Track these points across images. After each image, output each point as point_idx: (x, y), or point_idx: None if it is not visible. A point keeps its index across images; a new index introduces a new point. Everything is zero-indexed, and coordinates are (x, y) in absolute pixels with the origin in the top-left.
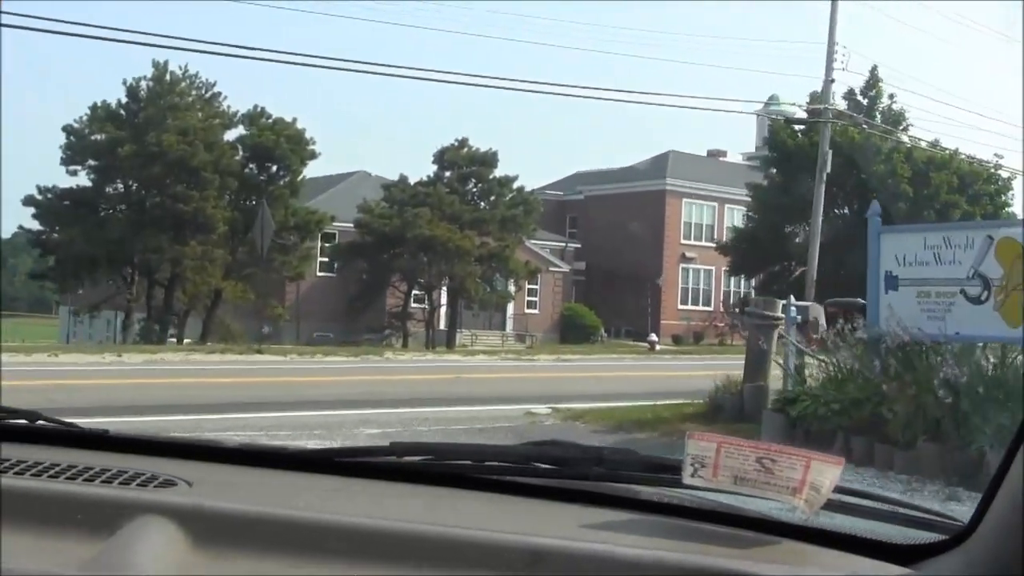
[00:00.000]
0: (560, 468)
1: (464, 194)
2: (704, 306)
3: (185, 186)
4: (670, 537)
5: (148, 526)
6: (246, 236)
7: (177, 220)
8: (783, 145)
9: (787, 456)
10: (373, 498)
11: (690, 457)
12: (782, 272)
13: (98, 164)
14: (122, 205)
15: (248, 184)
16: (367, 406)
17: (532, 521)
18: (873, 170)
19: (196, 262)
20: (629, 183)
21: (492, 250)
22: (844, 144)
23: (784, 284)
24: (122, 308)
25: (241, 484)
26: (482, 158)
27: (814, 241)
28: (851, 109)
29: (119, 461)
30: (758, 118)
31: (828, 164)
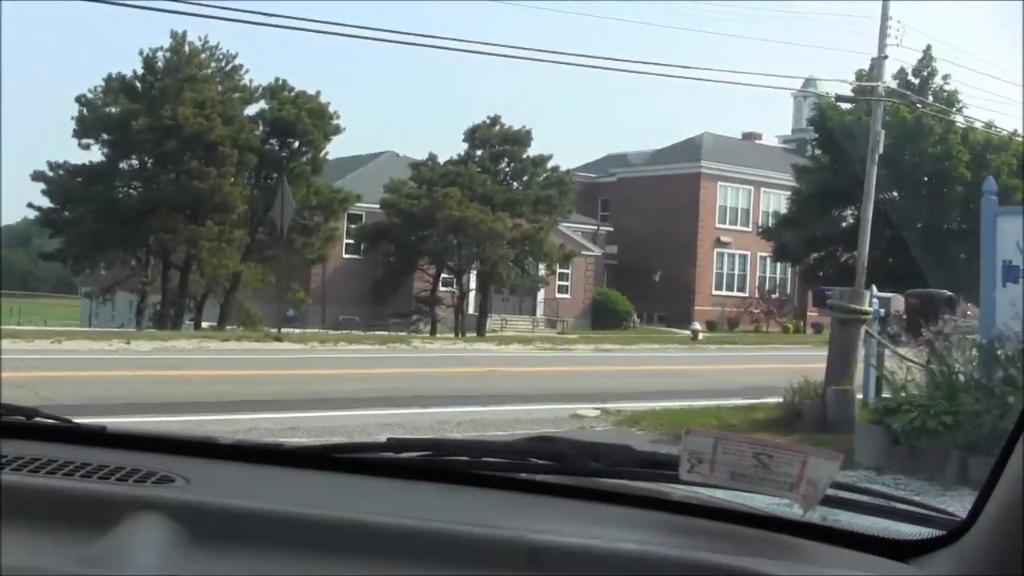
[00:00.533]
0: (557, 464)
1: (496, 174)
2: (739, 292)
3: (202, 162)
4: (667, 533)
5: (146, 522)
6: (266, 216)
7: (193, 198)
8: (830, 124)
9: (784, 451)
10: (370, 494)
11: (687, 453)
12: (828, 258)
13: (111, 138)
14: (136, 182)
15: (268, 160)
16: (393, 405)
17: (530, 517)
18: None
19: (213, 243)
20: (663, 165)
21: (525, 232)
22: (895, 124)
23: (830, 271)
24: (137, 291)
25: (239, 480)
26: (515, 136)
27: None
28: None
29: (117, 457)
30: (795, 100)
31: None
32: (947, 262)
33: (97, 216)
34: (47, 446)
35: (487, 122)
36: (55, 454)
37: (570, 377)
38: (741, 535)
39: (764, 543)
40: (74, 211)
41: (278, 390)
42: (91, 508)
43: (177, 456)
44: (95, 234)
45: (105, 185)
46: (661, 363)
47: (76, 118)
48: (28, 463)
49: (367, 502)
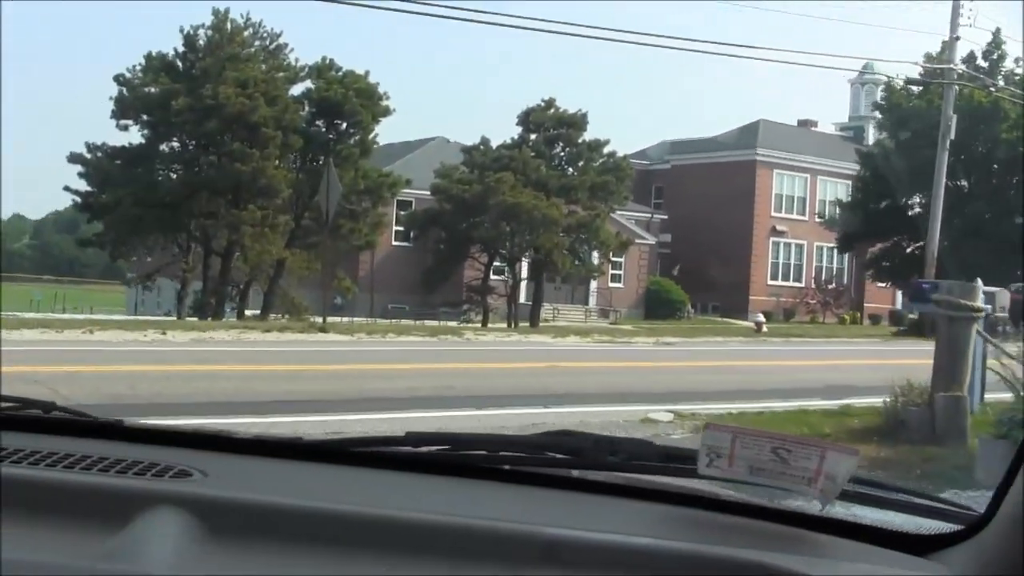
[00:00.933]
0: (575, 458)
1: (551, 159)
2: (795, 282)
3: (244, 144)
4: (685, 527)
5: (163, 516)
6: (311, 201)
7: (235, 182)
8: (898, 108)
9: (803, 446)
10: (388, 488)
11: (705, 447)
12: (893, 248)
13: (151, 119)
14: (176, 164)
15: (314, 143)
16: (446, 406)
17: (547, 511)
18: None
19: (255, 228)
20: (718, 153)
21: (580, 219)
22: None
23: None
24: (178, 278)
25: (256, 474)
26: (570, 120)
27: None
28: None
29: (134, 451)
30: (852, 86)
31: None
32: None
33: (136, 200)
34: (64, 440)
35: (541, 105)
36: (72, 448)
37: (634, 374)
38: (759, 530)
39: (782, 538)
40: (112, 194)
41: (320, 389)
42: (108, 502)
43: (194, 450)
44: (134, 218)
45: (144, 168)
46: (727, 358)
47: (115, 98)
48: (45, 457)
49: (385, 496)
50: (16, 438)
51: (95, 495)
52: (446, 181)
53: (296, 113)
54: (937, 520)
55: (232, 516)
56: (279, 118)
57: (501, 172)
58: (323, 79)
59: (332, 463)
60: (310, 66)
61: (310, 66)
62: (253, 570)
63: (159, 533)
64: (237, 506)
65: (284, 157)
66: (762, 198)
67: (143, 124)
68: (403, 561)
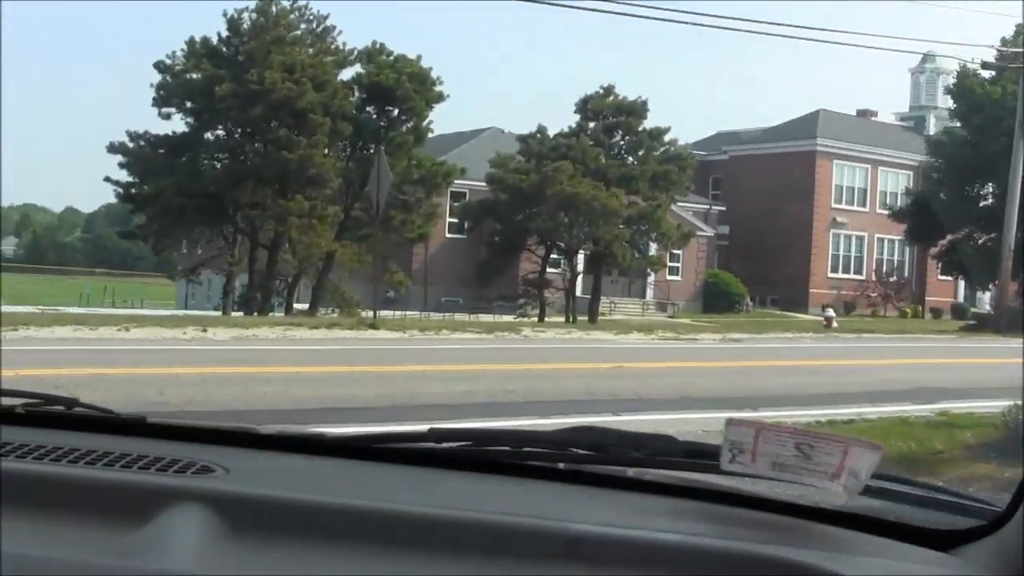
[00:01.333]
0: (598, 454)
1: (610, 148)
2: (855, 275)
3: (291, 131)
4: (708, 523)
5: (186, 513)
6: (362, 191)
7: (281, 170)
8: (971, 94)
9: (825, 441)
10: (411, 484)
11: (728, 443)
12: (965, 240)
13: (194, 106)
14: (220, 153)
15: (364, 130)
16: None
17: (571, 507)
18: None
19: (303, 220)
20: (777, 143)
21: (641, 210)
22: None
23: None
24: (224, 272)
25: (279, 471)
26: (630, 107)
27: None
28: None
29: (156, 448)
30: (913, 76)
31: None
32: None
33: (178, 190)
34: (87, 436)
35: (600, 92)
36: (95, 444)
37: (706, 375)
38: (782, 525)
39: (806, 533)
40: (154, 185)
41: (367, 393)
42: (131, 498)
43: (217, 446)
44: (176, 209)
45: (187, 157)
46: (800, 356)
47: (156, 85)
48: (68, 453)
49: (407, 492)
50: (39, 434)
51: (117, 491)
52: (502, 171)
53: (345, 98)
54: (959, 516)
55: (254, 512)
56: (327, 104)
57: (559, 161)
58: (374, 63)
59: (355, 459)
60: (360, 50)
61: (360, 50)
62: (275, 566)
63: (181, 529)
64: (260, 502)
65: (333, 145)
66: (822, 189)
67: (186, 112)
68: (427, 557)
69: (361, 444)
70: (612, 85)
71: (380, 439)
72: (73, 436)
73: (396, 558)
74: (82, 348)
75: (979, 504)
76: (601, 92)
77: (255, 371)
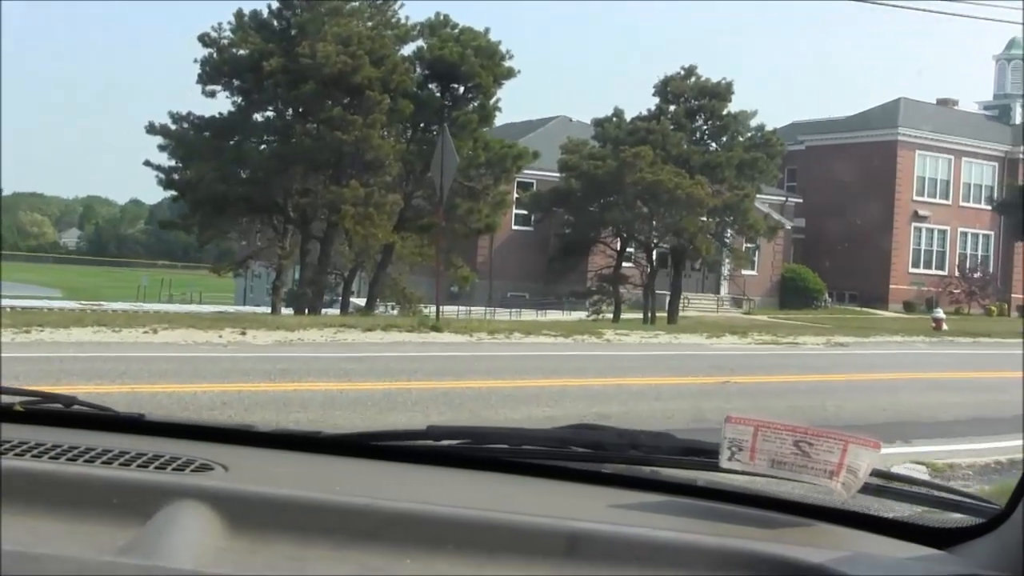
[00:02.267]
0: (597, 451)
1: (691, 132)
2: (937, 270)
3: (345, 110)
4: (707, 521)
5: (184, 510)
6: (423, 176)
7: (335, 153)
8: None
9: (824, 439)
10: (410, 482)
11: (727, 440)
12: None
13: (240, 84)
14: (268, 135)
15: (426, 108)
16: None
17: (569, 505)
18: None
19: (359, 209)
20: (856, 133)
21: (727, 201)
22: None
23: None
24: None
25: (277, 468)
26: (713, 89)
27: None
28: None
29: (155, 445)
30: (997, 63)
31: None
32: None
33: (221, 175)
34: (86, 434)
35: (681, 73)
36: (94, 442)
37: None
38: (781, 523)
39: (804, 531)
40: (195, 170)
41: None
42: (130, 496)
43: (215, 444)
44: (219, 197)
45: (232, 139)
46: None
47: (201, 61)
48: (67, 451)
49: (406, 490)
50: (37, 432)
51: (116, 489)
52: (576, 157)
53: (406, 74)
54: (958, 514)
55: (254, 510)
56: (386, 80)
57: (638, 147)
58: (437, 36)
59: (353, 457)
60: (422, 23)
61: (422, 23)
62: (274, 564)
63: (181, 527)
64: (258, 500)
65: (392, 125)
66: (903, 181)
67: (232, 90)
68: (425, 555)
69: (360, 442)
70: (694, 65)
71: (378, 437)
72: (72, 434)
73: (395, 555)
74: (95, 355)
75: (978, 502)
76: (682, 73)
77: (292, 388)
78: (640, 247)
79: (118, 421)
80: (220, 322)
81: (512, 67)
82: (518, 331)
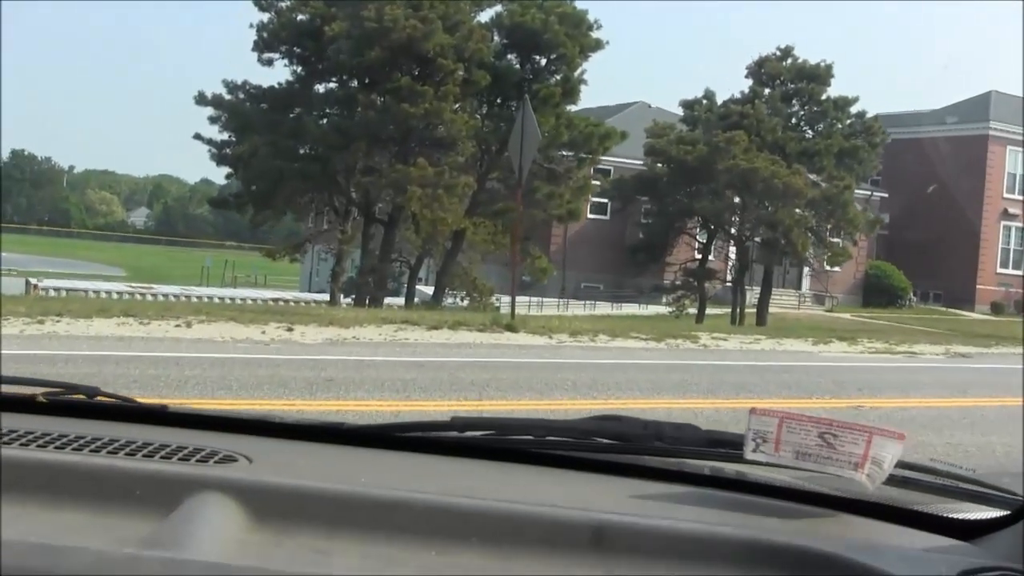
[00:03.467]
0: (621, 443)
1: (788, 118)
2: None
3: (415, 80)
4: (731, 512)
5: (208, 502)
6: (499, 156)
7: (402, 128)
8: None
9: (849, 431)
10: (435, 473)
11: (752, 432)
12: None
13: (300, 51)
14: (329, 107)
15: (504, 81)
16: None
17: (594, 496)
18: None
19: (427, 190)
20: (944, 126)
21: (826, 192)
22: None
23: None
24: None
25: (302, 460)
26: (812, 72)
27: None
28: None
29: (178, 436)
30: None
31: None
32: None
33: (276, 150)
34: (109, 425)
35: (776, 55)
36: (117, 433)
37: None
38: (805, 514)
39: (829, 522)
40: (248, 144)
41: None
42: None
43: (238, 435)
44: (274, 173)
45: (289, 111)
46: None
47: (257, 26)
48: (90, 442)
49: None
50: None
51: (140, 480)
52: (663, 141)
53: (482, 42)
54: (982, 505)
55: (278, 501)
56: (460, 48)
57: (731, 131)
58: (518, 2)
59: (377, 448)
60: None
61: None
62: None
63: (204, 519)
64: (283, 491)
65: (465, 99)
66: (993, 177)
67: (292, 57)
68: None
69: (384, 433)
70: (791, 46)
71: (403, 428)
72: (95, 425)
73: (420, 547)
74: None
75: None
76: (778, 54)
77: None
78: (730, 240)
79: (141, 412)
80: (266, 315)
81: (600, 39)
82: (603, 332)
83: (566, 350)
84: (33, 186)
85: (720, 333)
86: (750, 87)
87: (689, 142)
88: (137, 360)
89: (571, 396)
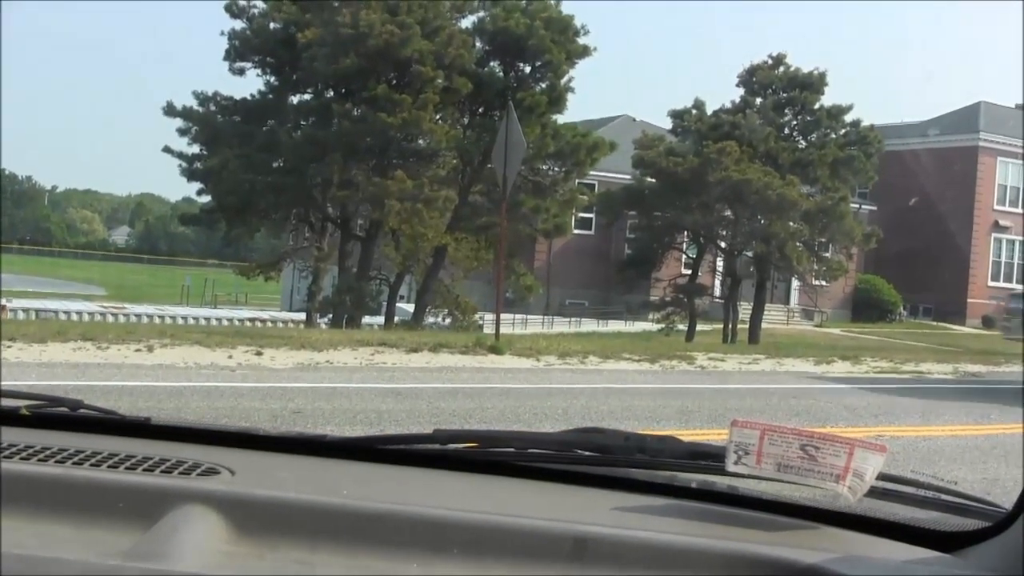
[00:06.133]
0: (603, 455)
1: (780, 127)
2: (1018, 284)
3: (392, 88)
4: (713, 524)
5: (191, 514)
6: (482, 168)
7: (379, 139)
8: None
9: (831, 443)
10: (417, 486)
11: (733, 444)
12: None
13: (273, 60)
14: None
15: (487, 88)
16: None
17: (576, 508)
18: None
19: (406, 204)
20: (932, 138)
21: (821, 203)
22: None
23: None
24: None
25: (284, 472)
26: (805, 80)
27: None
28: None
29: (161, 449)
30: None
31: None
32: None
33: (247, 163)
34: (92, 438)
35: (768, 62)
36: (100, 446)
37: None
38: (786, 526)
39: (811, 535)
40: (218, 156)
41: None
42: (136, 500)
43: (221, 447)
44: (245, 187)
45: (261, 122)
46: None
47: (229, 34)
48: (73, 455)
49: (413, 493)
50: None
51: (123, 493)
52: (652, 153)
53: (464, 48)
54: (965, 517)
55: (260, 514)
56: (440, 54)
57: (722, 142)
58: (501, 6)
59: (360, 460)
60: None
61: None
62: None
63: (187, 531)
64: (265, 504)
65: (446, 107)
66: (984, 189)
67: (264, 66)
68: (432, 558)
69: (366, 445)
70: (783, 54)
71: (385, 440)
72: (78, 438)
73: (402, 559)
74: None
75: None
76: (769, 62)
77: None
78: (721, 254)
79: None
80: (235, 337)
81: (587, 45)
82: (593, 354)
83: (555, 373)
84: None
85: (716, 353)
86: (741, 96)
87: (679, 153)
88: (86, 391)
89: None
